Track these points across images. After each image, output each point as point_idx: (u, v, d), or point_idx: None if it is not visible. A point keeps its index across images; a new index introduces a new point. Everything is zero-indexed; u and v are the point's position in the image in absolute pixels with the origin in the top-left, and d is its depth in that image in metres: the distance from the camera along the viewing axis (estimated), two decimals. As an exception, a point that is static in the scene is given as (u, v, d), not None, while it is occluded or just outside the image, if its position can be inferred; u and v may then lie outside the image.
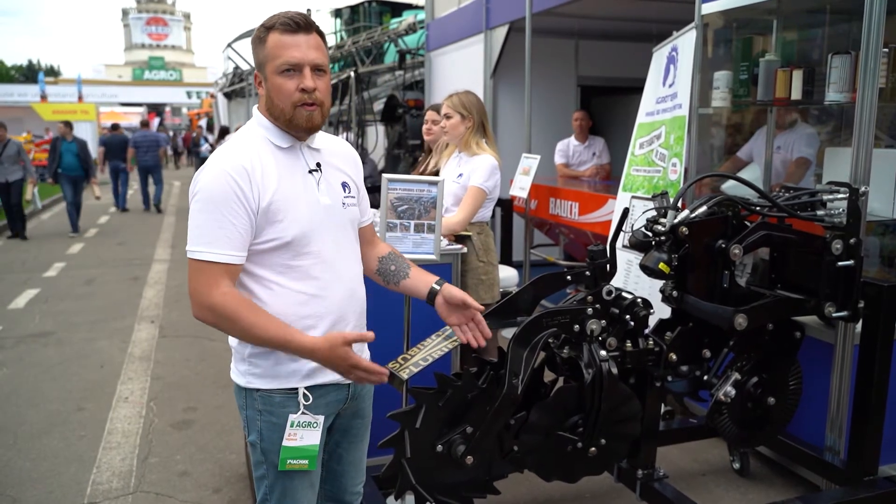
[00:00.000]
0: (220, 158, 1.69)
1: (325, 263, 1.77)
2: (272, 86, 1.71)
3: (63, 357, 5.12)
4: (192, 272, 1.67)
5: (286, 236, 1.70)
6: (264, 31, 1.71)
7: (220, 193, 1.64)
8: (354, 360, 1.66)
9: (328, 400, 1.83)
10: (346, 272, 1.84)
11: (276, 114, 1.73)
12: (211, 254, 1.65)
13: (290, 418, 1.75)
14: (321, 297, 1.77)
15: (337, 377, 1.77)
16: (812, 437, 3.04)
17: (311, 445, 1.75)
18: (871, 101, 2.74)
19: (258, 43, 1.72)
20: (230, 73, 16.73)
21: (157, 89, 56.19)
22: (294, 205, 1.71)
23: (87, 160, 11.29)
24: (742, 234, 2.57)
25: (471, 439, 2.32)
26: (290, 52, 1.67)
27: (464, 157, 3.49)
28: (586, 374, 2.42)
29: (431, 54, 8.39)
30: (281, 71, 1.68)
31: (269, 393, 1.76)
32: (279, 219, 1.69)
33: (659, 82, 4.05)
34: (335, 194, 1.82)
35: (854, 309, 2.69)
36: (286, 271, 1.73)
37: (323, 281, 1.77)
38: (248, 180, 1.66)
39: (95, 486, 3.29)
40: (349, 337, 1.66)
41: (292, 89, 1.68)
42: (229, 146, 1.74)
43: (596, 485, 3.15)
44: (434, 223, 2.83)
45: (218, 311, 1.64)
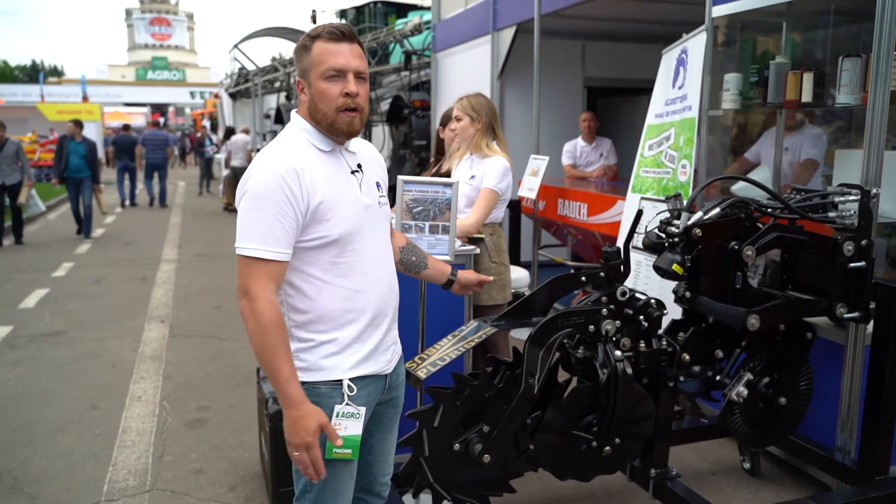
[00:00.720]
0: (270, 159, 1.75)
1: (367, 260, 1.85)
2: (316, 91, 1.78)
3: (75, 356, 5.16)
4: (240, 267, 1.74)
5: (333, 234, 1.78)
6: (309, 39, 1.79)
7: (271, 193, 1.70)
8: (314, 448, 1.71)
9: (369, 391, 1.90)
10: (385, 268, 1.93)
11: (319, 118, 1.80)
12: (259, 250, 1.71)
13: (335, 409, 1.81)
14: (364, 293, 1.85)
15: (378, 368, 1.88)
16: (823, 438, 3.06)
17: (355, 435, 1.82)
18: (882, 104, 2.77)
19: (303, 51, 1.80)
20: (235, 74, 16.77)
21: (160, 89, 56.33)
22: (340, 205, 1.79)
23: (94, 162, 10.81)
24: (755, 236, 2.60)
25: (488, 438, 2.35)
26: (336, 58, 1.75)
27: (475, 160, 3.51)
28: (601, 374, 2.45)
29: (438, 55, 8.42)
30: (326, 76, 1.76)
31: (315, 385, 1.82)
32: (327, 218, 1.76)
33: (668, 84, 4.08)
34: (373, 194, 1.91)
35: (865, 310, 2.72)
36: (331, 268, 1.80)
37: (366, 277, 1.85)
38: (298, 181, 1.72)
39: (112, 484, 3.33)
40: (327, 428, 1.74)
41: (336, 94, 1.76)
42: (276, 148, 1.80)
43: (608, 484, 3.18)
44: (449, 224, 2.86)
45: (257, 319, 1.69)
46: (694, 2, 3.99)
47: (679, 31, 4.02)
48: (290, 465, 2.88)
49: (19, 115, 25.76)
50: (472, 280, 2.25)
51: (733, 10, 3.53)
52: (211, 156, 17.61)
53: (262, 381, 3.20)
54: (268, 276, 1.71)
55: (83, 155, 10.67)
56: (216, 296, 7.03)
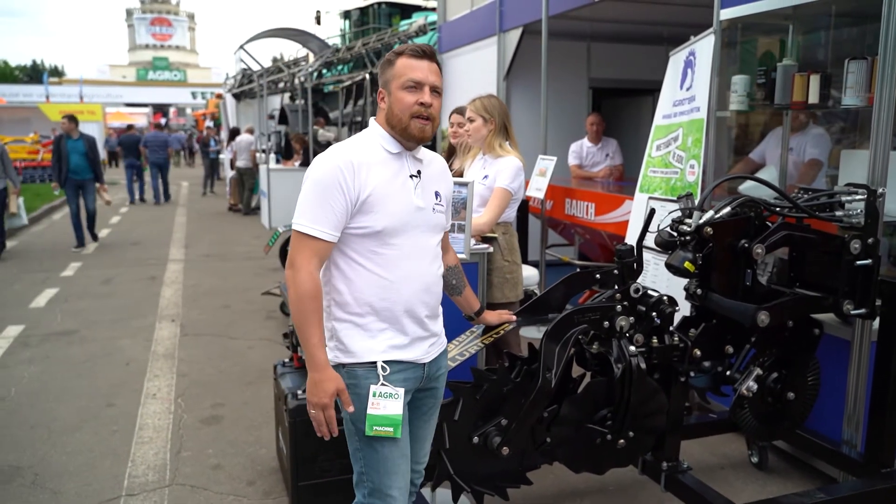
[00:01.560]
0: (336, 151, 1.96)
1: (407, 257, 2.00)
2: (395, 99, 1.99)
3: (88, 355, 5.23)
4: (296, 241, 1.94)
5: (376, 226, 1.95)
6: (394, 55, 2.01)
7: (328, 179, 1.91)
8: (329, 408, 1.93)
9: (406, 376, 2.04)
10: (425, 267, 2.05)
11: (394, 123, 1.99)
12: (309, 227, 1.91)
13: (371, 389, 1.97)
14: (399, 285, 1.99)
15: (413, 356, 2.03)
16: (830, 432, 3.13)
17: (395, 415, 1.96)
18: (888, 105, 2.83)
19: (387, 65, 2.02)
20: (239, 75, 16.84)
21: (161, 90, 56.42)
22: (389, 201, 1.96)
23: (95, 161, 9.62)
24: (764, 234, 2.66)
25: (506, 431, 2.42)
26: (415, 72, 1.97)
27: (488, 160, 3.58)
28: (616, 368, 2.51)
29: (444, 56, 8.48)
30: (405, 87, 1.97)
31: (353, 367, 2.00)
32: (374, 210, 1.95)
33: (676, 86, 4.14)
34: (428, 199, 2.07)
35: (871, 307, 2.78)
36: (372, 256, 1.98)
37: (403, 271, 1.99)
38: (353, 174, 1.92)
39: (132, 479, 3.39)
40: (343, 394, 1.95)
41: (412, 102, 1.96)
42: (347, 143, 2.01)
43: (620, 478, 3.25)
44: (464, 223, 2.93)
45: (297, 287, 1.90)
46: (700, 4, 4.06)
47: (683, 32, 4.09)
48: (309, 459, 2.95)
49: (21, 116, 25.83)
50: (493, 322, 2.54)
51: (741, 13, 3.59)
52: (216, 156, 17.68)
53: (279, 378, 3.27)
54: (313, 252, 1.92)
55: (83, 153, 9.46)
56: (225, 296, 7.10)
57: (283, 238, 6.57)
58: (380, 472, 2.01)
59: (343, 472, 3.00)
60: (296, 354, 3.26)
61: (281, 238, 6.61)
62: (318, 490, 3.00)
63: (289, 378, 3.20)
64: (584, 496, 3.19)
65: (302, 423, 2.97)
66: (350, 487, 2.92)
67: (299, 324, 1.92)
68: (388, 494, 2.03)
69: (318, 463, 2.99)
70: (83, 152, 9.47)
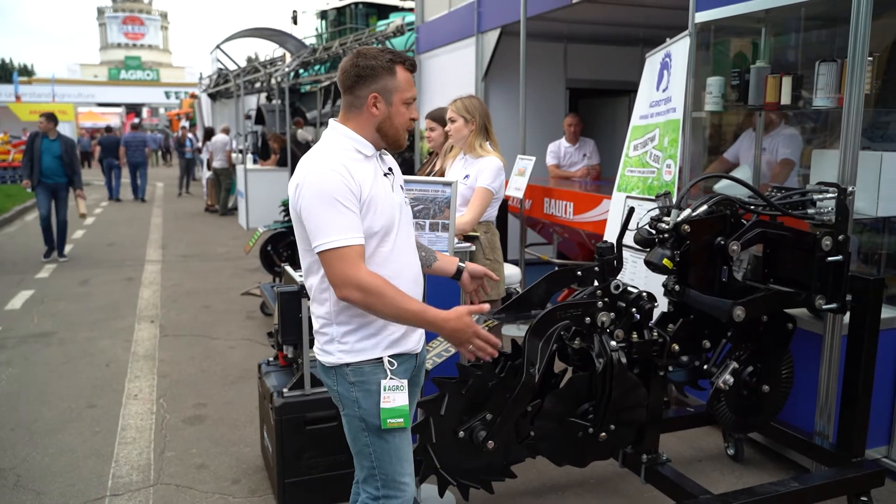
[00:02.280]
0: (319, 162, 1.95)
1: (399, 252, 2.06)
2: (397, 111, 2.03)
3: (68, 356, 5.19)
4: (333, 261, 1.90)
5: (376, 226, 1.98)
6: (391, 63, 2.00)
7: (334, 187, 1.90)
8: (478, 329, 1.97)
9: (406, 367, 2.10)
10: (413, 260, 2.14)
11: (390, 133, 2.05)
12: (346, 239, 1.89)
13: (382, 384, 2.00)
14: (397, 279, 2.01)
15: (411, 347, 2.07)
16: (803, 423, 3.22)
17: (403, 406, 2.01)
18: (857, 107, 2.93)
19: (387, 72, 2.00)
20: (215, 74, 16.72)
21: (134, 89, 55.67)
22: (381, 200, 2.01)
23: (72, 164, 8.73)
24: (739, 232, 2.75)
25: (491, 425, 2.47)
26: (413, 89, 2.06)
27: (469, 159, 3.63)
28: (598, 363, 2.57)
29: (421, 57, 8.51)
30: (406, 102, 2.04)
31: (360, 365, 2.02)
32: (372, 211, 1.97)
33: (653, 87, 4.23)
34: (401, 195, 2.12)
35: (842, 301, 2.88)
36: (371, 257, 2.00)
37: (398, 265, 2.05)
38: (351, 176, 1.94)
39: (116, 479, 3.39)
40: (472, 308, 1.99)
41: (408, 117, 2.07)
42: (322, 153, 1.98)
43: (601, 471, 3.32)
44: (448, 222, 2.97)
45: (368, 288, 1.88)
46: (675, 7, 4.14)
47: (659, 34, 4.17)
48: (295, 456, 2.98)
49: (-11, 115, 25.38)
50: (478, 271, 2.43)
51: (716, 15, 3.68)
52: (190, 156, 17.54)
53: (264, 376, 3.29)
54: (358, 257, 1.91)
55: (58, 155, 8.62)
56: (204, 296, 7.07)
57: (264, 238, 6.57)
58: (392, 462, 2.05)
59: (329, 468, 3.04)
60: (281, 353, 3.29)
61: (261, 238, 6.60)
62: (305, 487, 3.03)
63: (274, 376, 3.23)
64: (566, 489, 3.25)
65: (288, 420, 3.01)
66: (336, 484, 2.97)
67: (400, 314, 1.92)
68: (402, 482, 2.07)
69: (304, 460, 3.02)
70: (57, 154, 8.62)
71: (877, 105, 3.48)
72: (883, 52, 4.16)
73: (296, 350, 3.12)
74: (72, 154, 8.85)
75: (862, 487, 2.89)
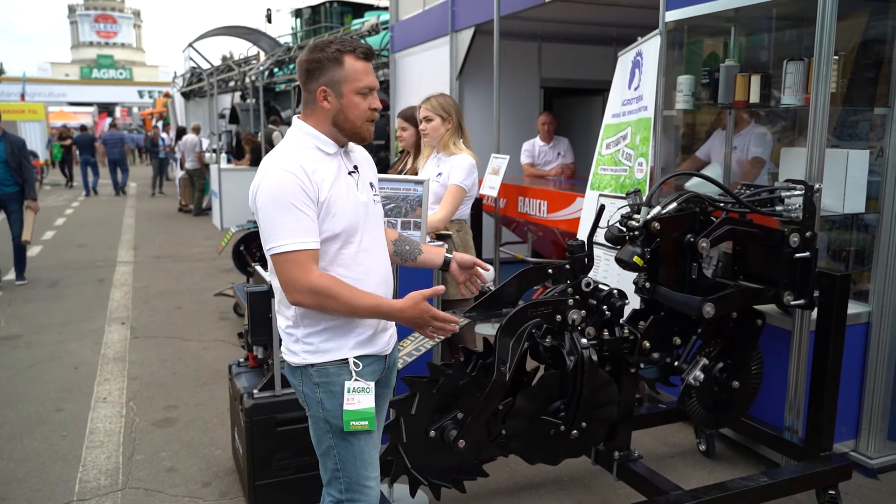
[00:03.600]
0: (278, 162, 1.89)
1: (365, 252, 2.01)
2: (349, 103, 1.95)
3: (35, 359, 5.09)
4: (283, 265, 1.88)
5: (336, 229, 1.94)
6: (338, 52, 1.93)
7: (289, 190, 1.85)
8: (434, 312, 1.94)
9: (373, 369, 2.05)
10: (381, 259, 2.09)
11: (347, 126, 1.97)
12: (297, 243, 1.86)
13: (346, 385, 1.97)
14: (362, 281, 1.98)
15: (379, 349, 2.04)
16: (772, 418, 3.26)
17: (368, 408, 1.97)
18: (823, 105, 2.96)
19: (333, 63, 1.93)
20: (188, 73, 16.53)
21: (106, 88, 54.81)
22: (343, 201, 1.95)
23: (21, 169, 7.15)
24: (709, 229, 2.77)
25: (462, 424, 2.45)
26: (369, 77, 1.96)
27: (442, 157, 3.62)
28: (568, 361, 2.57)
29: (396, 55, 8.49)
30: (359, 92, 1.95)
31: (324, 366, 1.99)
32: (333, 212, 1.92)
33: (625, 85, 4.25)
34: (368, 193, 2.07)
35: (810, 297, 2.91)
36: (335, 259, 1.97)
37: (364, 267, 2.00)
38: (308, 178, 1.89)
39: (83, 484, 3.33)
40: (426, 293, 1.94)
41: (366, 107, 1.97)
42: (281, 152, 1.94)
43: (574, 468, 3.32)
44: (420, 220, 2.96)
45: (320, 291, 1.86)
46: (646, 6, 4.16)
47: (632, 33, 4.19)
48: (265, 458, 2.95)
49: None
50: (467, 260, 2.39)
51: (686, 14, 3.70)
52: (164, 156, 17.34)
53: (234, 378, 3.25)
54: (309, 261, 1.87)
55: (3, 160, 7.04)
56: (176, 297, 6.98)
57: (236, 238, 6.51)
58: (356, 465, 2.02)
59: (300, 470, 3.01)
60: (251, 354, 3.25)
61: (233, 238, 6.54)
62: (276, 489, 2.99)
63: (244, 377, 3.19)
64: (540, 487, 3.25)
65: (258, 422, 2.97)
66: (307, 485, 2.94)
67: (356, 310, 1.91)
68: (366, 486, 2.04)
69: (275, 462, 2.99)
70: (2, 159, 7.04)
71: (846, 104, 3.53)
72: (851, 51, 4.23)
73: (266, 350, 3.09)
74: (21, 156, 7.19)
75: (830, 481, 2.93)
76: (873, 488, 3.21)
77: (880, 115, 3.36)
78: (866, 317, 3.31)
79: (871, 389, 3.32)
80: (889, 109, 3.19)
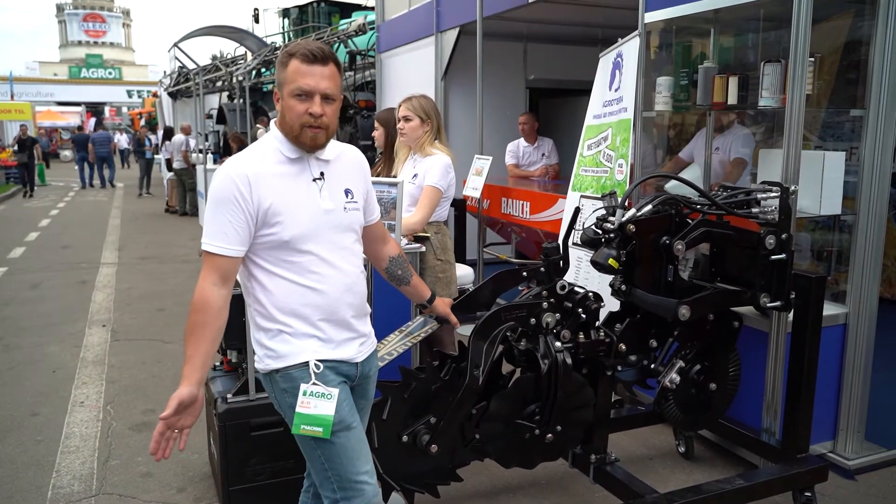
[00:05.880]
0: (230, 164, 1.91)
1: (323, 261, 1.97)
2: (285, 105, 1.93)
3: (13, 362, 5.03)
4: (203, 259, 1.92)
5: (284, 236, 1.92)
6: (287, 56, 1.93)
7: (223, 195, 1.88)
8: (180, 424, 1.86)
9: (341, 371, 2.01)
10: (344, 268, 2.02)
11: (286, 130, 1.95)
12: (209, 245, 1.89)
13: (301, 387, 1.93)
14: (318, 291, 1.96)
15: (346, 356, 2.01)
16: (750, 420, 3.25)
17: (326, 415, 1.92)
18: (799, 106, 2.96)
19: (281, 66, 1.94)
20: (175, 73, 16.45)
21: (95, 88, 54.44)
22: (293, 209, 1.93)
23: None
24: (684, 231, 2.75)
25: (435, 429, 2.43)
26: (305, 79, 1.89)
27: (418, 159, 3.60)
28: (542, 364, 2.56)
29: (382, 56, 8.46)
30: (294, 94, 1.90)
31: (287, 371, 1.96)
32: (277, 220, 1.91)
33: (605, 86, 4.24)
34: (337, 200, 2.02)
35: (786, 299, 2.90)
36: (285, 265, 1.95)
37: (319, 276, 1.96)
38: (249, 186, 1.88)
39: (56, 490, 3.28)
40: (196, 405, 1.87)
41: (301, 111, 1.90)
42: (242, 154, 1.95)
43: (551, 471, 3.30)
44: (395, 223, 2.94)
45: (194, 300, 1.88)
46: (629, 7, 4.15)
47: (617, 34, 4.18)
48: (240, 463, 2.92)
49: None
50: (441, 314, 2.49)
51: (665, 16, 3.70)
52: (150, 156, 17.23)
53: (209, 382, 3.21)
54: (212, 268, 1.89)
55: None
56: (159, 299, 6.92)
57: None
58: (343, 462, 1.96)
59: (274, 475, 2.98)
60: (226, 358, 3.22)
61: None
62: (250, 494, 2.96)
63: (219, 382, 3.15)
64: (518, 490, 3.23)
65: (232, 426, 2.94)
66: (282, 491, 2.91)
67: (187, 335, 1.87)
68: (358, 480, 1.98)
69: (250, 467, 2.96)
70: None
71: (828, 105, 3.53)
72: (833, 53, 4.23)
73: (240, 354, 3.06)
74: None
75: (806, 483, 2.92)
76: (851, 489, 3.21)
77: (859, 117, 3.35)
78: (843, 318, 3.31)
79: (849, 390, 3.33)
80: (865, 111, 3.18)
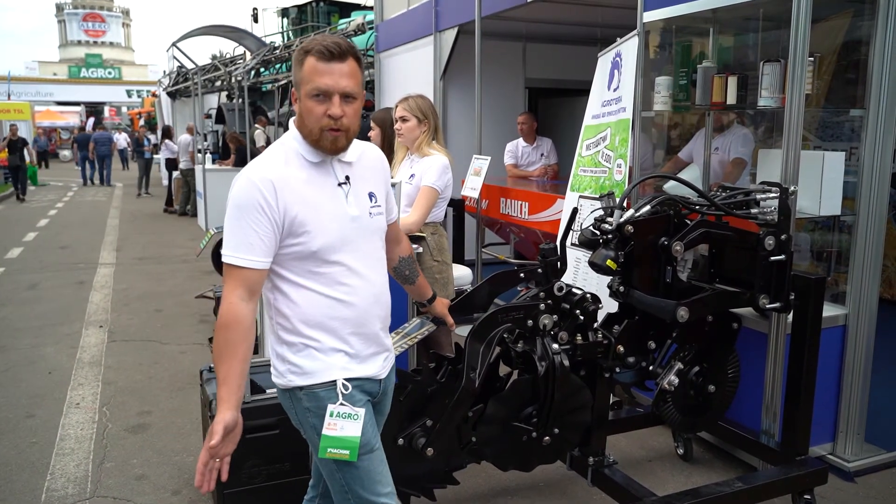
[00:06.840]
0: (252, 170, 1.79)
1: (352, 271, 1.87)
2: (304, 107, 1.81)
3: (9, 364, 5.01)
4: (225, 273, 1.79)
5: (312, 246, 1.81)
6: (303, 53, 1.80)
7: (247, 203, 1.76)
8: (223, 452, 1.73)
9: (365, 389, 1.92)
10: (372, 278, 1.93)
11: (305, 133, 1.83)
12: (233, 258, 1.77)
13: (328, 408, 1.82)
14: (347, 303, 1.87)
15: (372, 372, 1.92)
16: (749, 422, 3.23)
17: (353, 437, 1.82)
18: (798, 106, 2.94)
19: (297, 64, 1.81)
20: (174, 73, 16.42)
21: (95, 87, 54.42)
22: (320, 217, 1.82)
23: None
24: (683, 232, 2.73)
25: (431, 432, 2.41)
26: (323, 79, 1.76)
27: (415, 159, 3.57)
28: (540, 366, 2.54)
29: (381, 55, 8.44)
30: (312, 95, 1.78)
31: (312, 388, 1.85)
32: (305, 230, 1.80)
33: (604, 86, 4.21)
34: (363, 205, 1.91)
35: (786, 300, 2.88)
36: (312, 276, 1.84)
37: (348, 287, 1.87)
38: (274, 193, 1.76)
39: (50, 493, 3.26)
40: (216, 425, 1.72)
41: (320, 114, 1.78)
42: (262, 159, 1.84)
43: (549, 474, 3.28)
44: (391, 224, 2.90)
45: (221, 317, 1.76)
46: (628, 6, 4.13)
47: (616, 34, 4.16)
48: (235, 466, 2.89)
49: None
50: (438, 314, 2.45)
51: (663, 15, 3.67)
52: (149, 156, 17.21)
53: (205, 384, 3.19)
54: (238, 281, 1.77)
55: None
56: (156, 299, 6.90)
57: (215, 240, 6.43)
58: (364, 485, 1.87)
59: (270, 478, 2.96)
60: (222, 359, 3.19)
61: (212, 240, 6.48)
62: (245, 497, 2.94)
63: (214, 383, 3.12)
64: (516, 493, 3.21)
65: (227, 429, 2.91)
66: (278, 493, 2.89)
67: (218, 356, 1.76)
68: (379, 502, 1.89)
69: (245, 470, 2.93)
70: None
71: (828, 105, 3.51)
72: (833, 52, 4.21)
73: (236, 356, 3.03)
74: None
75: (805, 485, 2.90)
76: (850, 492, 3.19)
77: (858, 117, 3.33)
78: (843, 319, 3.29)
79: (848, 392, 3.30)
80: (865, 111, 3.16)
